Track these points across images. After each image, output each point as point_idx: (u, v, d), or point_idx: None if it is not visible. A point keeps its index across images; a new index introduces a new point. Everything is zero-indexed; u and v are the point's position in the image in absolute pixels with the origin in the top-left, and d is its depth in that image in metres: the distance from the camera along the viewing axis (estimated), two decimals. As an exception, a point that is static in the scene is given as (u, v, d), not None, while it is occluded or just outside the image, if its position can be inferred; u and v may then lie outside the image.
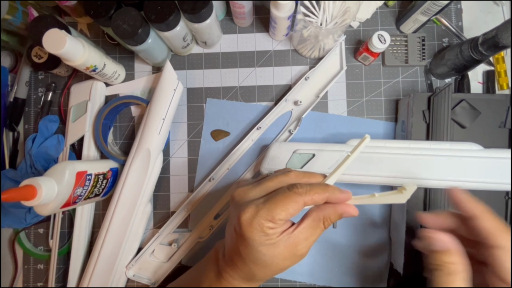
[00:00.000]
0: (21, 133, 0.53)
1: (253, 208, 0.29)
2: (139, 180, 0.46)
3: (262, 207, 0.29)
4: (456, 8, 0.51)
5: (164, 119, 0.46)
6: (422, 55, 0.49)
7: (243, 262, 0.31)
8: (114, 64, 0.49)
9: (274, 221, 0.29)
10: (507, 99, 0.43)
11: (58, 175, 0.39)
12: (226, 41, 0.52)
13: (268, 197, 0.30)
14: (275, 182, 0.32)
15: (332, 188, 0.30)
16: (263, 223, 0.29)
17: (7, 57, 0.52)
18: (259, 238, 0.29)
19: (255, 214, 0.29)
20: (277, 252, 0.30)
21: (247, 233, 0.29)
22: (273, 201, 0.29)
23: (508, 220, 0.42)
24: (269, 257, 0.30)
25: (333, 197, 0.30)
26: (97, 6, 0.41)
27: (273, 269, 0.31)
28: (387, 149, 0.41)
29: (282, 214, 0.28)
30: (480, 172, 0.39)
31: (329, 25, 0.47)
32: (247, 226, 0.29)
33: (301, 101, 0.48)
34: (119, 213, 0.46)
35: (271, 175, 0.33)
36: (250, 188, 0.32)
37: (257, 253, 0.30)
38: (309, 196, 0.29)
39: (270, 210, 0.28)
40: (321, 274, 0.48)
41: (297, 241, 0.30)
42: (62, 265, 0.51)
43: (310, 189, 0.29)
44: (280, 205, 0.28)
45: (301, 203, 0.29)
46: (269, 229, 0.29)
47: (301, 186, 0.29)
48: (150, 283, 0.48)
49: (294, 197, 0.29)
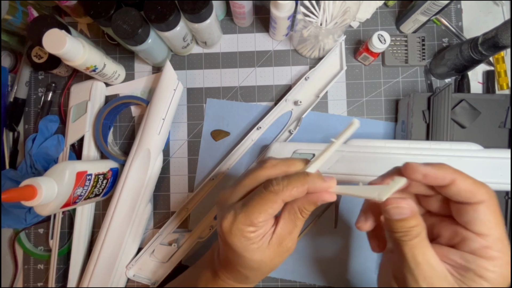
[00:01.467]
0: (21, 133, 0.53)
1: (232, 214, 0.28)
2: (139, 180, 0.46)
3: (240, 212, 0.28)
4: (456, 8, 0.51)
5: (164, 119, 0.46)
6: (422, 55, 0.49)
7: (233, 266, 0.32)
8: (114, 64, 0.49)
9: (254, 225, 0.28)
10: (507, 99, 0.43)
11: (58, 175, 0.39)
12: (226, 41, 0.52)
13: (245, 201, 0.29)
14: (252, 179, 0.30)
15: (312, 177, 0.27)
16: (242, 229, 0.28)
17: (7, 57, 0.52)
18: (241, 243, 0.28)
19: (233, 220, 0.28)
20: (263, 256, 0.29)
21: (229, 240, 0.29)
22: (250, 205, 0.28)
23: (508, 220, 0.42)
24: (256, 262, 0.29)
25: (314, 187, 0.27)
26: (97, 6, 0.41)
27: (264, 270, 0.31)
28: (387, 149, 0.41)
29: (261, 217, 0.27)
30: (480, 172, 0.39)
31: (329, 25, 0.47)
32: (228, 233, 0.28)
33: (301, 101, 0.49)
34: (119, 213, 0.46)
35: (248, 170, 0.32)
36: (231, 190, 0.31)
37: (243, 258, 0.29)
38: (287, 192, 0.27)
39: (248, 215, 0.27)
40: (321, 274, 0.48)
41: (281, 238, 0.29)
42: (62, 265, 0.51)
43: (287, 184, 0.27)
44: (257, 208, 0.27)
45: (279, 202, 0.27)
46: (250, 233, 0.28)
47: (277, 183, 0.27)
48: (150, 283, 0.48)
49: (270, 196, 0.27)
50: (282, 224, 0.29)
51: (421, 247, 0.26)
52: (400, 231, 0.26)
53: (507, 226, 0.42)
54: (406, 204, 0.26)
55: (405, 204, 0.26)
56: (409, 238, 0.26)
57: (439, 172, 0.26)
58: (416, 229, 0.26)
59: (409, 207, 0.26)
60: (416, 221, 0.26)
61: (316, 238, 0.49)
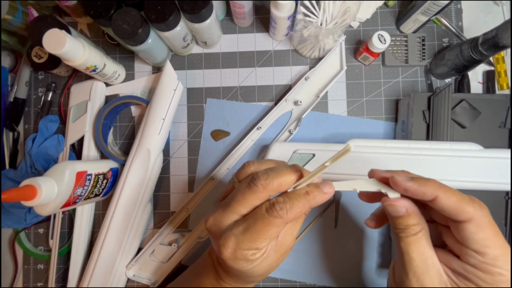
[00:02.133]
0: (21, 133, 0.53)
1: (233, 240, 0.27)
2: (139, 180, 0.46)
3: (243, 238, 0.27)
4: (456, 8, 0.51)
5: (164, 119, 0.46)
6: (422, 55, 0.49)
7: (236, 277, 0.32)
8: (114, 64, 0.49)
9: (259, 249, 0.28)
10: (507, 99, 0.43)
11: (58, 175, 0.39)
12: (226, 41, 0.52)
13: (247, 226, 0.27)
14: (244, 205, 0.28)
15: (313, 195, 0.27)
16: (247, 253, 0.27)
17: (7, 57, 0.52)
18: (248, 265, 0.28)
19: (236, 247, 0.27)
20: (270, 261, 0.29)
21: (233, 265, 0.28)
22: (254, 231, 0.27)
23: (508, 220, 0.42)
24: (264, 269, 0.30)
25: (317, 203, 0.28)
26: (97, 6, 0.41)
27: (269, 272, 0.31)
28: (387, 149, 0.41)
29: (266, 242, 0.27)
30: (480, 172, 0.39)
31: (329, 25, 0.47)
32: (231, 260, 0.28)
33: (301, 101, 0.48)
34: (119, 213, 0.46)
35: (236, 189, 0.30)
36: (221, 213, 0.29)
37: (251, 272, 0.29)
38: (291, 216, 0.27)
39: (252, 241, 0.27)
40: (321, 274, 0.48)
41: (282, 239, 0.30)
42: (62, 265, 0.51)
43: (290, 208, 0.27)
44: (262, 234, 0.27)
45: (283, 225, 0.27)
46: (255, 255, 0.28)
47: (281, 208, 0.27)
48: (150, 283, 0.48)
49: (275, 222, 0.26)
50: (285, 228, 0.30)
51: (418, 245, 0.26)
52: (398, 227, 0.27)
53: (507, 226, 0.42)
54: (401, 203, 0.27)
55: (400, 203, 0.27)
56: (406, 235, 0.27)
57: (419, 188, 0.26)
58: (414, 228, 0.27)
59: (403, 206, 0.27)
60: (414, 220, 0.27)
61: (316, 238, 0.49)
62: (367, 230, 0.48)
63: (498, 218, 0.42)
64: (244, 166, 0.31)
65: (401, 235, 0.27)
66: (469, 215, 0.25)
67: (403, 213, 0.27)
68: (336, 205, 0.48)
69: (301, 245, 0.49)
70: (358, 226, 0.49)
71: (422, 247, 0.27)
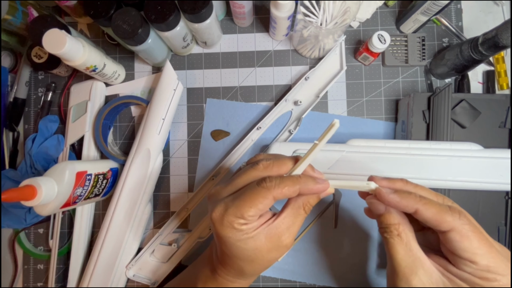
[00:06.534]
0: (21, 133, 0.53)
1: (222, 206, 0.29)
2: (139, 180, 0.46)
3: (231, 204, 0.29)
4: (456, 8, 0.51)
5: (164, 119, 0.46)
6: (422, 55, 0.49)
7: (229, 258, 0.32)
8: (114, 64, 0.49)
9: (244, 218, 0.28)
10: (507, 99, 0.43)
11: (58, 175, 0.39)
12: (226, 41, 0.52)
13: (237, 194, 0.29)
14: (244, 179, 0.31)
15: (305, 179, 0.29)
16: (233, 220, 0.28)
17: (7, 57, 0.52)
18: (233, 234, 0.29)
19: (224, 212, 0.29)
20: (259, 244, 0.29)
21: (220, 231, 0.29)
22: (242, 198, 0.28)
23: (508, 220, 0.42)
24: (251, 251, 0.30)
25: (306, 189, 0.29)
26: (97, 6, 0.41)
27: (260, 262, 0.31)
28: (387, 149, 0.41)
29: (251, 211, 0.28)
30: (480, 172, 0.39)
31: (329, 25, 0.47)
32: (218, 224, 0.29)
33: (301, 101, 0.48)
34: (119, 213, 0.46)
35: (241, 169, 0.32)
36: (223, 186, 0.32)
37: (237, 248, 0.29)
38: (278, 190, 0.28)
39: (239, 208, 0.28)
40: (321, 274, 0.48)
41: (280, 231, 0.30)
42: (62, 265, 0.51)
43: (279, 183, 0.28)
44: (248, 201, 0.28)
45: (270, 198, 0.28)
46: (241, 225, 0.29)
47: (270, 180, 0.28)
48: (150, 283, 0.48)
49: (262, 192, 0.28)
50: (283, 217, 0.30)
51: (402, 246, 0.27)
52: (381, 227, 0.29)
53: (507, 226, 0.42)
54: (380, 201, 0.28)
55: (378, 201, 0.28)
56: (390, 236, 0.28)
57: (401, 201, 0.27)
58: (397, 228, 0.28)
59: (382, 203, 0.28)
60: (395, 219, 0.28)
61: (316, 238, 0.49)
62: (367, 230, 0.48)
63: (498, 218, 0.42)
64: (255, 155, 0.34)
65: (386, 236, 0.28)
66: (450, 224, 0.26)
67: (382, 211, 0.28)
68: (336, 205, 0.48)
69: (301, 245, 0.49)
70: (358, 226, 0.49)
71: (407, 249, 0.27)
